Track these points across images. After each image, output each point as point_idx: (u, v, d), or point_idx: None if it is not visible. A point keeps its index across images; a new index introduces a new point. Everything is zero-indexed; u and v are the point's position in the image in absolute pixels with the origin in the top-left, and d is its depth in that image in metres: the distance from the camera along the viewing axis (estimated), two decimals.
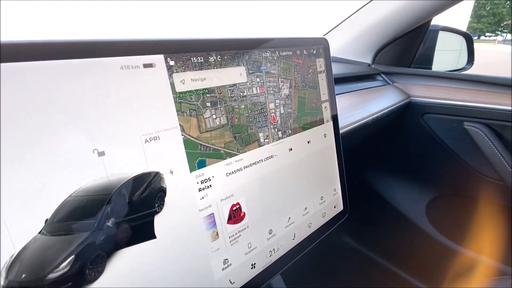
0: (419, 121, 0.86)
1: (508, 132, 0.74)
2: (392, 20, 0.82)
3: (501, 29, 34.49)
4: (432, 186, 0.92)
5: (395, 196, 0.97)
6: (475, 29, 33.25)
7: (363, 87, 0.79)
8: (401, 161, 0.97)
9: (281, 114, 0.31)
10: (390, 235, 0.98)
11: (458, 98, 0.78)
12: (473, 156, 0.80)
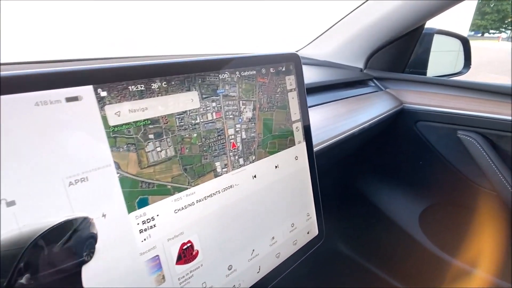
0: (412, 129, 0.83)
1: (504, 142, 0.71)
2: (385, 24, 0.79)
3: (505, 26, 34.11)
4: (425, 195, 0.90)
5: (388, 205, 0.94)
6: (479, 26, 32.91)
7: (354, 94, 0.77)
8: (394, 169, 0.94)
9: (242, 140, 0.29)
10: (384, 244, 0.96)
11: (452, 106, 0.75)
12: (467, 166, 0.77)
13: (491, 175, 0.69)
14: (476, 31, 33.71)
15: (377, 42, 0.83)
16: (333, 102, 0.68)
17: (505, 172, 0.68)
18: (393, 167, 0.94)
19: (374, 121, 0.69)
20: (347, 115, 0.64)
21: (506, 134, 0.70)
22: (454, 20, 12.67)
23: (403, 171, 0.93)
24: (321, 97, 0.68)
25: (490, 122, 0.70)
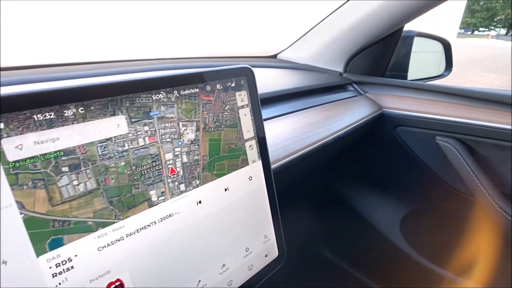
0: (392, 134, 0.82)
1: (481, 148, 0.71)
2: (362, 27, 0.78)
3: (495, 24, 34.63)
4: (406, 200, 0.89)
5: (370, 210, 0.93)
6: (469, 24, 33.34)
7: (332, 100, 0.75)
8: (375, 174, 0.93)
9: (183, 164, 0.27)
10: (366, 249, 0.95)
11: (431, 111, 0.74)
12: (445, 171, 0.76)
13: (468, 181, 0.69)
14: (466, 29, 34.14)
15: (356, 46, 0.82)
16: (310, 108, 0.67)
17: (481, 178, 0.67)
18: (374, 172, 0.93)
19: (352, 127, 0.67)
20: (323, 122, 0.63)
21: (483, 140, 0.69)
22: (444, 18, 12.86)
23: (384, 176, 0.92)
24: (298, 104, 0.66)
25: (467, 128, 0.69)
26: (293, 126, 0.56)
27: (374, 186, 0.94)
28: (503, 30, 35.96)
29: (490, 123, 0.66)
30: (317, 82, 0.78)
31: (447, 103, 0.73)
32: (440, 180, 0.78)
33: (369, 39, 0.79)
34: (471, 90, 0.71)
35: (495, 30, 34.75)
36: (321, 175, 0.96)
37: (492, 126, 0.66)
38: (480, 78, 6.72)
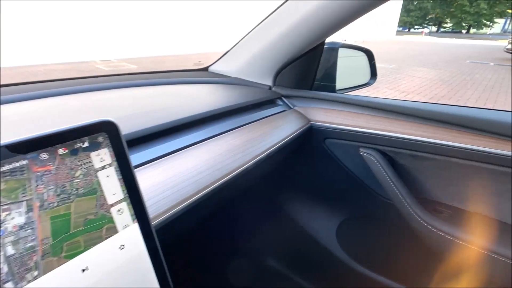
0: (322, 146, 0.83)
1: (400, 158, 0.75)
2: (287, 40, 0.77)
3: (427, 22, 38.54)
4: (340, 209, 0.91)
5: (308, 221, 0.95)
6: (405, 22, 36.64)
7: (261, 117, 0.73)
8: (310, 185, 0.95)
9: (8, 258, 0.21)
10: (307, 260, 0.96)
11: (354, 124, 0.77)
12: (372, 179, 0.79)
13: (388, 189, 0.72)
14: (404, 27, 37.52)
15: (282, 59, 0.81)
16: (236, 129, 0.64)
17: (399, 185, 0.70)
18: (309, 183, 0.94)
19: (279, 145, 0.66)
20: (247, 145, 0.61)
21: (401, 150, 0.73)
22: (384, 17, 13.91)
23: (318, 187, 0.94)
24: (223, 125, 0.63)
25: (387, 140, 0.73)
26: (211, 154, 0.53)
27: (310, 196, 0.96)
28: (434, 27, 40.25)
29: (406, 135, 0.70)
30: (247, 98, 0.76)
31: (369, 116, 0.76)
32: (369, 189, 0.81)
33: (294, 52, 0.79)
34: (390, 103, 0.74)
35: (428, 27, 38.73)
36: (260, 189, 0.94)
37: (408, 138, 0.70)
38: (416, 72, 7.42)
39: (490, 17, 34.14)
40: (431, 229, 0.67)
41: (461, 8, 33.54)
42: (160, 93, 0.70)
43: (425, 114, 0.69)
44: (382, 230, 0.85)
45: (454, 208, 0.71)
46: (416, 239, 0.71)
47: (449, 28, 39.64)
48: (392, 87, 5.76)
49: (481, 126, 0.62)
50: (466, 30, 37.79)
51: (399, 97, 5.05)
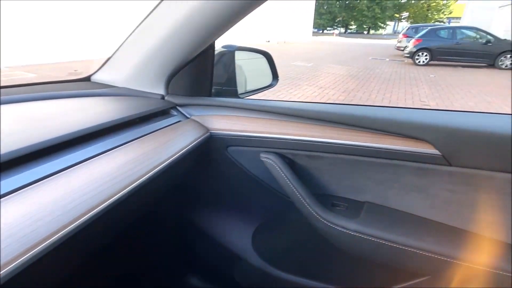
0: (225, 154, 0.79)
1: (299, 159, 0.75)
2: (171, 43, 0.69)
3: (336, 24, 43.22)
4: (253, 216, 0.89)
5: (222, 232, 0.90)
6: (319, 24, 40.38)
7: (152, 130, 0.64)
8: (220, 196, 0.90)
9: None
10: (224, 273, 0.92)
11: (254, 129, 0.74)
12: (277, 182, 0.78)
13: (289, 192, 0.72)
14: (318, 28, 41.32)
15: (170, 65, 0.73)
16: (127, 144, 0.55)
17: (298, 187, 0.71)
18: (218, 194, 0.90)
19: (176, 157, 0.59)
20: (141, 159, 0.53)
21: (298, 152, 0.74)
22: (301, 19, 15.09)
23: (228, 197, 0.90)
24: (112, 141, 0.53)
25: (284, 143, 0.72)
26: (95, 175, 0.44)
27: (221, 208, 0.92)
28: (342, 29, 45.43)
29: (301, 137, 0.71)
30: (136, 110, 0.66)
31: (268, 120, 0.75)
32: (276, 192, 0.81)
33: (181, 57, 0.72)
34: (286, 106, 0.74)
35: (337, 29, 43.50)
36: (163, 209, 0.86)
37: (303, 139, 0.71)
38: (331, 69, 8.21)
39: (383, 20, 40.29)
40: (329, 225, 0.69)
41: (361, 12, 38.71)
42: (36, 110, 0.58)
43: (315, 115, 0.71)
44: (293, 231, 0.86)
45: (350, 200, 0.75)
46: (319, 236, 0.72)
47: (354, 30, 45.25)
48: (311, 83, 6.23)
49: (362, 123, 0.66)
50: (367, 31, 43.71)
51: (318, 92, 5.49)
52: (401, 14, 41.67)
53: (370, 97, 5.27)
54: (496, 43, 8.95)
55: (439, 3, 37.92)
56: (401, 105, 4.74)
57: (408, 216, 0.70)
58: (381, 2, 37.82)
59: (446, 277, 0.68)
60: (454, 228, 0.66)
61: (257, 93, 1.01)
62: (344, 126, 0.68)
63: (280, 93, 5.26)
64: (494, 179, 0.58)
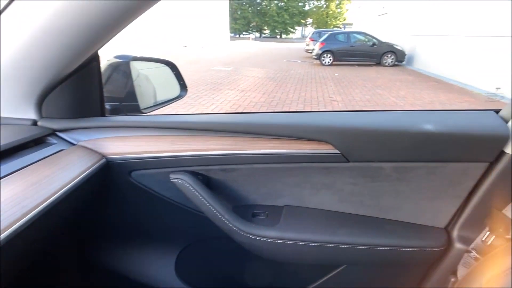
0: (129, 180, 0.69)
1: (214, 174, 0.71)
2: (34, 54, 0.55)
3: (251, 29, 45.12)
4: (173, 242, 0.82)
5: (139, 267, 0.80)
6: (235, 29, 41.46)
7: (18, 167, 0.51)
8: (131, 227, 0.80)
9: None
10: None
11: (159, 149, 0.67)
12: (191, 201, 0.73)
13: (207, 210, 0.68)
14: (235, 33, 42.38)
15: (41, 81, 0.59)
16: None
17: (215, 204, 0.67)
18: (129, 225, 0.79)
19: (60, 195, 0.48)
20: (11, 202, 0.41)
21: (210, 167, 0.70)
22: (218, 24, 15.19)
23: (142, 226, 0.80)
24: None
25: (194, 160, 0.67)
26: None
27: (134, 240, 0.81)
28: (257, 33, 47.71)
29: (211, 151, 0.67)
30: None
31: (173, 137, 0.68)
32: (195, 212, 0.75)
33: (54, 72, 0.58)
34: (191, 120, 0.69)
35: (253, 33, 45.45)
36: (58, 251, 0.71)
37: (213, 153, 0.67)
38: (250, 72, 8.49)
39: (292, 25, 44.01)
40: (251, 237, 0.67)
41: (272, 18, 41.42)
42: None
43: (224, 127, 0.68)
44: (217, 249, 0.82)
45: (269, 206, 0.76)
46: (242, 249, 0.70)
47: (268, 34, 48.04)
48: (232, 87, 6.31)
49: (271, 131, 0.66)
50: (279, 36, 46.98)
51: (240, 95, 5.59)
52: (306, 20, 46.20)
53: (288, 96, 5.65)
54: (379, 45, 10.73)
55: (335, 11, 43.56)
56: (312, 103, 5.22)
57: (322, 213, 0.73)
58: (289, 9, 41.30)
59: (359, 262, 0.75)
60: (360, 217, 0.73)
61: (164, 106, 0.93)
62: (254, 135, 0.67)
63: (202, 99, 5.16)
64: (383, 168, 0.66)
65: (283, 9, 41.32)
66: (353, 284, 0.77)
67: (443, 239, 0.69)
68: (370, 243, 0.68)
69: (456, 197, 0.67)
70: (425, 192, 0.68)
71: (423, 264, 0.72)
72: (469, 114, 0.66)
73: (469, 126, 0.62)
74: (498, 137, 0.60)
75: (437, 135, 0.61)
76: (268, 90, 6.15)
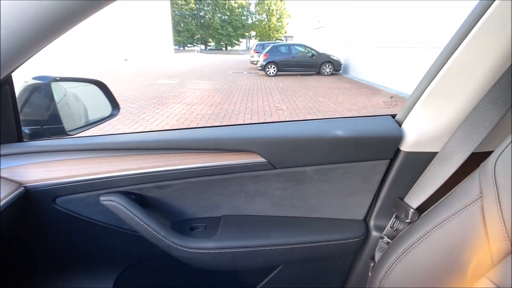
0: (54, 208, 0.65)
1: (147, 192, 0.71)
2: None
3: (196, 41, 44.91)
4: (112, 267, 0.79)
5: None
6: (179, 41, 40.84)
7: None
8: (60, 259, 0.75)
9: None
10: None
11: (86, 172, 0.65)
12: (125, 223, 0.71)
13: (142, 229, 0.67)
14: (179, 45, 41.73)
15: None
16: None
17: (151, 223, 0.67)
18: (63, 255, 0.75)
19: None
20: None
21: (143, 186, 0.70)
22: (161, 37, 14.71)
23: (77, 254, 0.76)
24: None
25: (124, 180, 0.67)
26: None
27: (63, 272, 0.76)
28: (202, 46, 47.72)
29: (142, 170, 0.67)
30: None
31: (100, 158, 0.67)
32: (131, 232, 0.73)
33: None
34: (118, 140, 0.68)
35: (198, 46, 45.31)
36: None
37: (145, 172, 0.67)
38: (196, 85, 8.42)
39: (236, 37, 45.12)
40: (189, 251, 0.69)
41: (217, 31, 41.97)
42: None
43: (155, 144, 0.69)
44: (156, 270, 0.81)
45: (208, 218, 0.78)
46: (182, 265, 0.71)
47: (213, 46, 48.39)
48: (178, 101, 6.18)
49: (201, 146, 0.69)
50: (225, 48, 47.67)
51: (186, 108, 5.50)
52: (250, 33, 47.81)
53: (235, 107, 5.74)
54: (318, 56, 11.64)
55: (276, 25, 45.99)
56: (259, 113, 5.40)
57: (258, 219, 0.78)
58: (232, 22, 42.35)
59: (294, 261, 0.81)
60: (291, 218, 0.79)
61: (94, 126, 0.89)
62: (185, 151, 0.69)
63: (146, 114, 4.95)
64: (306, 172, 0.74)
65: (227, 22, 42.25)
66: (291, 283, 0.83)
67: (362, 229, 0.79)
68: (301, 241, 0.75)
69: (369, 192, 0.78)
70: (344, 189, 0.77)
71: (348, 254, 0.82)
72: (372, 120, 0.78)
73: (372, 130, 0.73)
74: (394, 137, 0.72)
75: (347, 139, 0.71)
76: (215, 102, 6.17)
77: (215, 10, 43.21)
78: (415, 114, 0.69)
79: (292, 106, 6.01)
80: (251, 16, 46.25)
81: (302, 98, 6.84)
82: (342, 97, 7.15)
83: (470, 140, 0.60)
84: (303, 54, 11.75)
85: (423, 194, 0.66)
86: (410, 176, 0.71)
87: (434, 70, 0.64)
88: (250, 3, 45.68)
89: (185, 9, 40.21)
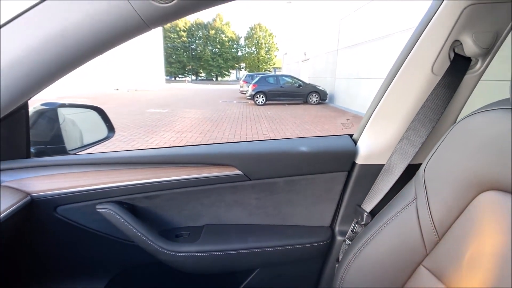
0: (54, 216, 0.74)
1: (138, 202, 0.81)
2: None
3: (187, 72, 46.30)
4: (104, 273, 0.86)
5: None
6: (170, 72, 42.01)
7: None
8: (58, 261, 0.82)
9: None
10: None
11: (85, 183, 0.75)
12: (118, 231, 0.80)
13: (134, 236, 0.76)
14: (170, 75, 42.92)
15: None
16: None
17: (141, 229, 0.76)
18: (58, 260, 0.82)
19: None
20: None
21: (134, 196, 0.80)
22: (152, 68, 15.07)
23: (71, 260, 0.83)
24: None
25: (118, 190, 0.77)
26: None
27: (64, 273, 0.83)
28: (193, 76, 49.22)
29: (133, 181, 0.78)
30: None
31: (98, 172, 0.77)
32: (123, 240, 0.82)
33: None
34: (114, 156, 0.79)
35: (189, 76, 46.73)
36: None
37: (136, 183, 0.78)
38: (186, 114, 8.62)
39: (226, 69, 46.92)
40: (174, 254, 0.77)
41: (207, 62, 43.64)
42: None
43: (146, 159, 0.80)
44: (145, 276, 0.88)
45: (191, 227, 0.87)
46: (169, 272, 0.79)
47: (204, 77, 49.93)
48: (168, 129, 6.31)
49: (186, 160, 0.81)
50: (215, 78, 49.24)
51: (176, 136, 5.62)
52: (239, 64, 49.82)
53: (224, 135, 5.90)
54: (304, 86, 12.23)
55: (265, 57, 48.28)
56: (246, 138, 5.56)
57: (236, 227, 0.88)
58: (223, 54, 44.25)
59: (269, 264, 0.90)
60: (266, 226, 0.90)
61: (91, 147, 1.00)
62: (172, 165, 0.81)
63: (135, 141, 5.03)
64: (278, 183, 0.86)
65: (217, 54, 44.13)
66: (268, 284, 0.91)
67: (328, 234, 0.90)
68: (275, 245, 0.85)
69: (332, 200, 0.90)
70: (311, 198, 0.89)
71: (317, 256, 0.91)
72: (333, 138, 0.92)
73: (332, 146, 0.87)
74: (350, 152, 0.85)
75: (311, 154, 0.84)
76: (204, 130, 6.33)
77: (206, 43, 45.26)
78: (366, 133, 0.84)
79: (279, 134, 6.22)
80: (241, 48, 48.57)
81: (290, 126, 7.10)
82: (328, 124, 7.46)
83: (407, 153, 0.74)
84: (290, 84, 12.32)
85: (375, 200, 0.79)
86: (365, 185, 0.84)
87: (379, 95, 0.80)
88: (240, 37, 48.21)
89: (177, 42, 41.95)
